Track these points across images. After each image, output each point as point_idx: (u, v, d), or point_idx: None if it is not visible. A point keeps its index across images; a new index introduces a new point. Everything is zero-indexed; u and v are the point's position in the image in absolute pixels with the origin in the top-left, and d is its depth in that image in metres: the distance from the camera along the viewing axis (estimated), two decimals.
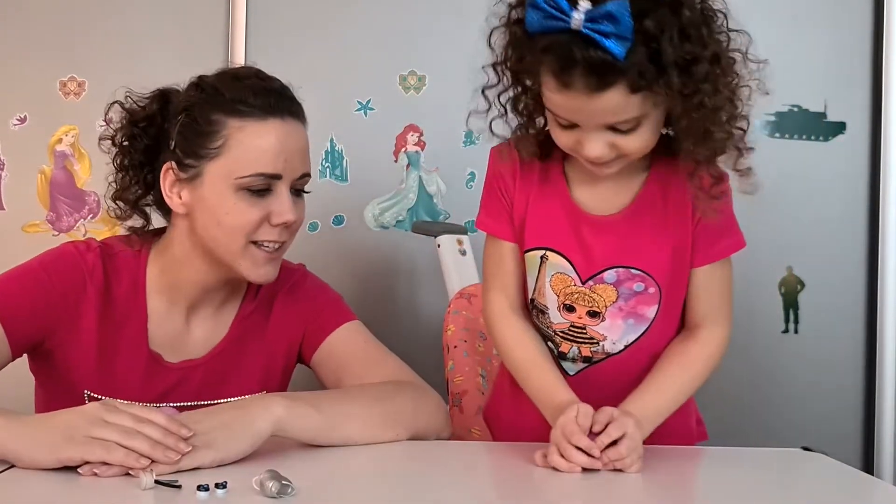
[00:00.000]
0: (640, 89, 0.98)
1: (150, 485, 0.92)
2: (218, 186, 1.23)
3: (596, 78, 0.96)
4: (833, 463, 1.14)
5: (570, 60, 0.96)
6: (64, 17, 2.16)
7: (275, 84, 1.28)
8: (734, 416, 2.02)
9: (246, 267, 1.25)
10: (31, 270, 1.25)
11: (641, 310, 1.17)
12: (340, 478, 1.04)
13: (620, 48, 0.94)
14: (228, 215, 1.23)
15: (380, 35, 2.12)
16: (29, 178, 2.16)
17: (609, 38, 0.94)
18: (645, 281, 1.15)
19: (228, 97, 1.24)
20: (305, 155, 1.28)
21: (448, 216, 2.12)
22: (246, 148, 1.22)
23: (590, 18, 0.94)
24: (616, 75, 0.96)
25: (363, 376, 1.28)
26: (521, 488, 1.01)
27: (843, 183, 2.09)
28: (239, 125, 1.23)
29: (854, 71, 2.08)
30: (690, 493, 1.05)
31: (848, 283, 2.08)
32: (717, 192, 1.12)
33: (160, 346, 1.30)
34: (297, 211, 1.26)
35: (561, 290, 1.18)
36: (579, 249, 1.16)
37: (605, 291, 1.16)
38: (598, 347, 1.19)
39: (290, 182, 1.25)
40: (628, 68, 0.96)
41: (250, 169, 1.22)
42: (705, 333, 1.18)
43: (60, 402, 1.13)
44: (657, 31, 0.96)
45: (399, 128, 2.13)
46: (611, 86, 0.97)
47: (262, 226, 1.24)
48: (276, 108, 1.24)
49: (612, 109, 1.00)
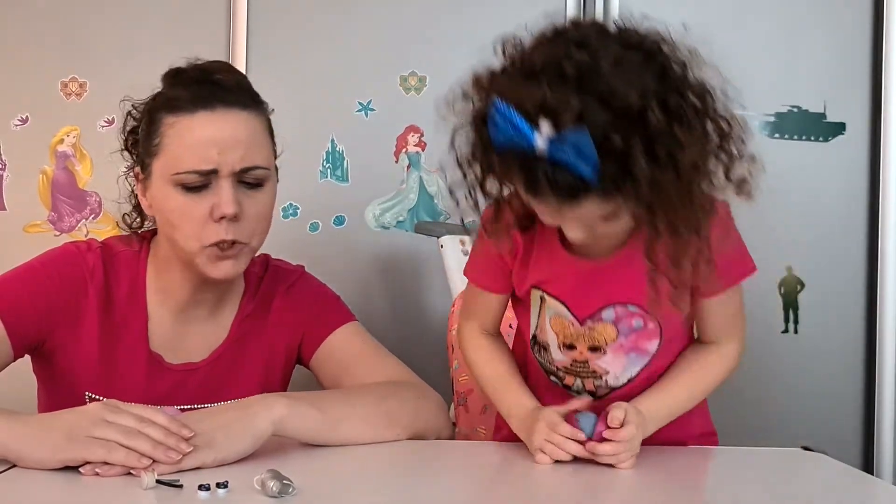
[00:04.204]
0: (615, 195, 0.94)
1: (151, 484, 0.92)
2: (161, 185, 1.22)
3: (567, 194, 0.93)
4: (833, 463, 1.14)
5: (537, 181, 0.93)
6: (65, 17, 2.16)
7: (214, 76, 1.24)
8: (734, 416, 2.01)
9: (204, 264, 1.22)
10: (32, 270, 1.25)
11: (643, 344, 1.15)
12: (341, 477, 1.04)
13: (588, 171, 0.90)
14: (174, 214, 1.21)
15: (380, 35, 2.12)
16: (30, 179, 2.16)
17: (582, 164, 0.90)
18: (643, 317, 1.13)
19: (166, 94, 1.23)
20: (250, 145, 1.21)
21: (448, 216, 2.12)
22: (178, 144, 1.20)
23: (553, 145, 0.90)
24: (587, 191, 0.92)
25: (363, 377, 1.28)
26: (522, 488, 1.01)
27: (843, 183, 2.09)
28: (172, 121, 1.21)
29: (854, 71, 2.08)
30: (690, 492, 1.05)
31: (848, 283, 2.08)
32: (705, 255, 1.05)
33: (161, 347, 1.30)
34: (248, 204, 1.21)
35: (560, 331, 1.16)
36: (575, 294, 1.13)
37: (606, 330, 1.14)
38: (601, 382, 1.17)
39: (229, 175, 1.19)
40: (600, 181, 0.91)
41: (183, 166, 1.19)
42: (720, 349, 1.19)
43: (62, 403, 1.13)
44: (624, 147, 0.90)
45: (400, 128, 2.13)
46: (583, 199, 0.94)
47: (207, 223, 1.20)
48: (205, 100, 1.20)
49: (588, 215, 0.98)
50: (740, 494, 1.00)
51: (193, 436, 1.01)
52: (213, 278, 1.24)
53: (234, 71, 1.29)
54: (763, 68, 2.09)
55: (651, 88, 0.92)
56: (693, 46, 0.99)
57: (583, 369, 1.17)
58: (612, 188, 0.92)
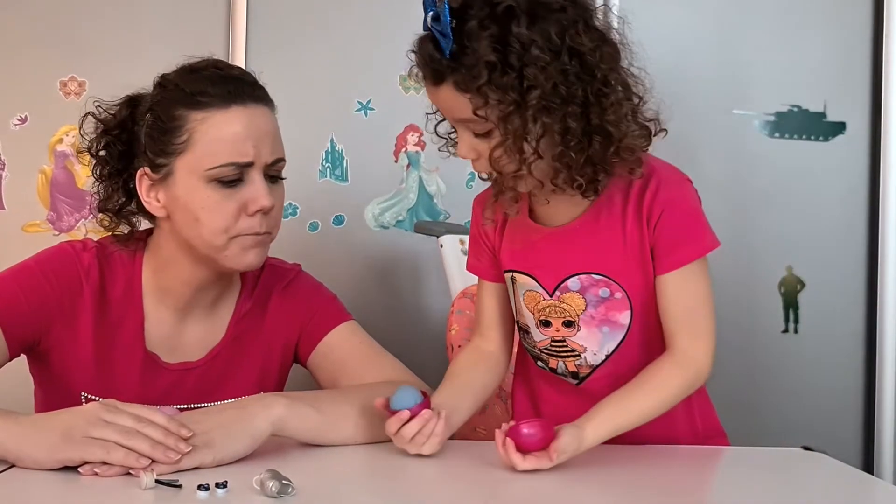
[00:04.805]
0: (464, 90, 1.03)
1: (150, 484, 0.92)
2: (189, 182, 1.21)
3: (431, 72, 1.06)
4: (833, 463, 1.14)
5: (419, 55, 1.08)
6: (64, 16, 2.16)
7: (234, 72, 1.27)
8: (734, 416, 2.01)
9: (232, 254, 1.22)
10: (27, 269, 1.25)
11: (613, 316, 1.16)
12: (340, 477, 1.04)
13: (446, 45, 1.02)
14: (204, 210, 1.21)
15: (380, 35, 2.12)
16: (29, 178, 2.16)
17: (443, 37, 1.02)
18: (609, 286, 1.15)
19: (188, 91, 1.22)
20: (275, 139, 1.25)
21: (448, 216, 2.12)
22: (211, 139, 1.20)
23: (433, 18, 1.02)
24: (445, 73, 1.04)
25: (360, 376, 1.28)
26: (522, 488, 1.01)
27: (843, 183, 2.09)
28: (202, 117, 1.21)
29: (854, 71, 2.08)
30: (690, 492, 1.05)
31: (848, 283, 2.08)
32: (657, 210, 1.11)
33: (157, 346, 1.29)
34: (274, 197, 1.23)
35: (534, 308, 1.19)
36: (539, 263, 1.18)
37: (573, 300, 1.16)
38: (581, 360, 1.19)
39: (261, 168, 1.22)
40: (455, 68, 1.03)
41: (219, 160, 1.20)
42: (682, 354, 1.12)
43: (58, 403, 1.13)
44: (475, 32, 1.01)
45: (399, 128, 2.13)
46: (442, 82, 1.05)
47: (240, 218, 1.21)
48: (236, 95, 1.22)
49: (450, 106, 1.08)
50: (741, 494, 1.00)
51: (192, 436, 1.01)
52: (235, 269, 1.26)
53: (239, 68, 1.31)
54: (763, 68, 2.09)
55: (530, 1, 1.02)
56: (623, 15, 1.09)
57: (562, 349, 1.19)
58: (465, 78, 1.02)
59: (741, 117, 2.08)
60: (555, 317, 1.18)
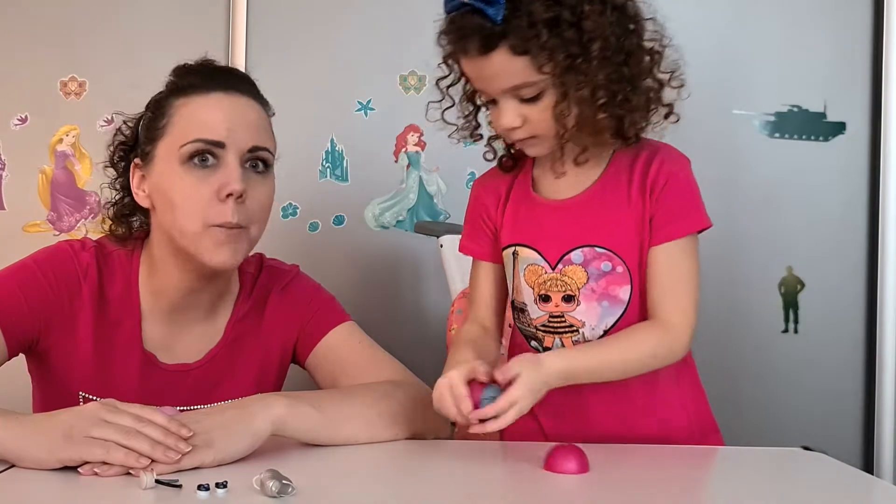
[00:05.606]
0: (522, 52, 1.06)
1: (150, 484, 0.92)
2: (167, 165, 1.22)
3: (480, 42, 1.07)
4: (833, 463, 1.14)
5: (460, 30, 1.08)
6: (64, 16, 2.16)
7: (223, 67, 1.29)
8: (734, 416, 2.02)
9: (206, 249, 1.20)
10: (26, 268, 1.25)
11: (613, 290, 1.17)
12: (340, 477, 1.04)
13: (495, 12, 1.04)
14: (179, 193, 1.20)
15: (380, 35, 2.12)
16: (30, 178, 2.16)
17: (489, 6, 1.04)
18: (611, 260, 1.17)
19: (179, 84, 1.26)
20: (258, 128, 1.24)
21: (448, 216, 2.12)
22: (188, 120, 1.22)
23: None
24: (497, 39, 1.06)
25: (359, 377, 1.29)
26: (521, 488, 1.01)
27: (843, 183, 2.09)
28: (183, 102, 1.23)
29: (854, 71, 2.08)
30: (690, 492, 1.05)
31: (848, 283, 2.08)
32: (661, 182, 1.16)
33: (154, 347, 1.29)
34: (253, 189, 1.22)
35: (534, 282, 1.20)
36: (543, 236, 1.20)
37: (575, 273, 1.18)
38: (578, 336, 1.19)
39: (238, 153, 1.21)
40: (508, 32, 1.05)
41: (189, 136, 1.20)
42: (662, 323, 1.14)
43: (56, 402, 1.13)
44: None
45: (399, 128, 2.13)
46: (494, 48, 1.07)
47: (213, 203, 1.20)
48: (220, 83, 1.24)
49: (502, 73, 1.09)
50: (740, 494, 1.00)
51: (192, 435, 1.01)
52: (210, 267, 1.22)
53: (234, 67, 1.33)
54: (763, 68, 2.09)
55: None
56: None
57: (560, 324, 1.20)
58: (519, 41, 1.05)
59: (741, 117, 2.08)
60: (555, 290, 1.19)
